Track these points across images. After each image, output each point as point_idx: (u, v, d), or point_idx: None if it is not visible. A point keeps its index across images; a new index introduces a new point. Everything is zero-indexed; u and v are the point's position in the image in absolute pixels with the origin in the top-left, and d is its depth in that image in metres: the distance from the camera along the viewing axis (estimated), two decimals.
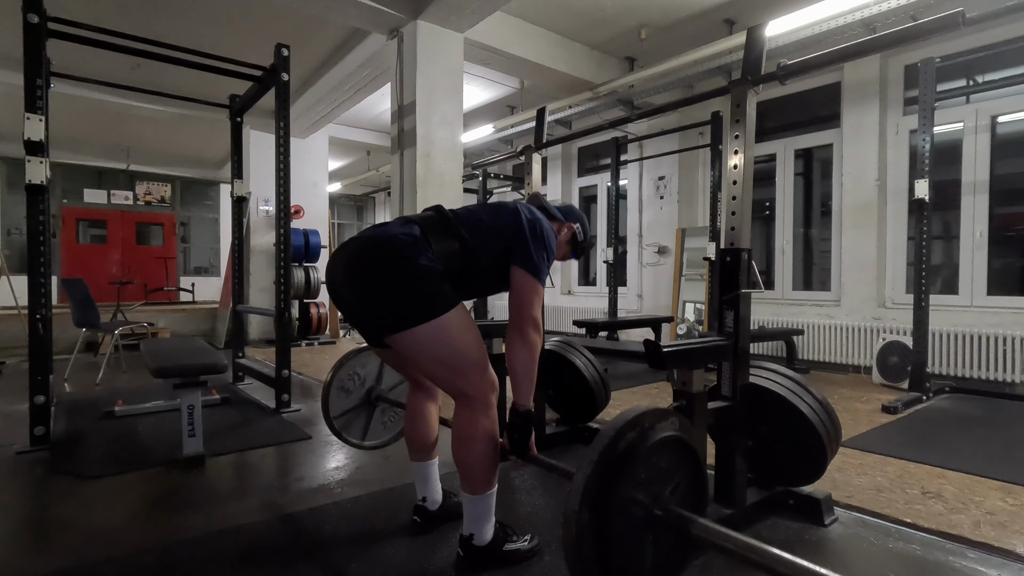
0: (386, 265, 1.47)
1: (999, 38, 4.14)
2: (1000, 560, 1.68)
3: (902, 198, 4.68)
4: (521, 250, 1.59)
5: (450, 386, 1.55)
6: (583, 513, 1.12)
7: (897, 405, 3.43)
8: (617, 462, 1.18)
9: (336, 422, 2.27)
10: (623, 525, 1.18)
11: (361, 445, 2.35)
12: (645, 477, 1.23)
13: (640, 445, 1.21)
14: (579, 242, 1.90)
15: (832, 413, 1.92)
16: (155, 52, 3.34)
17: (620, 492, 1.18)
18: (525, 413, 1.60)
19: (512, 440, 1.62)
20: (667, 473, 1.27)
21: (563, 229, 1.86)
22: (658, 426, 1.27)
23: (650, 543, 1.23)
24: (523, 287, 1.58)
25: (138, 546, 1.78)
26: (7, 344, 5.71)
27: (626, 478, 1.19)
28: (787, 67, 1.78)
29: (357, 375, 2.30)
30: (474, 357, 1.52)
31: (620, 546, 1.18)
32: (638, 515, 1.21)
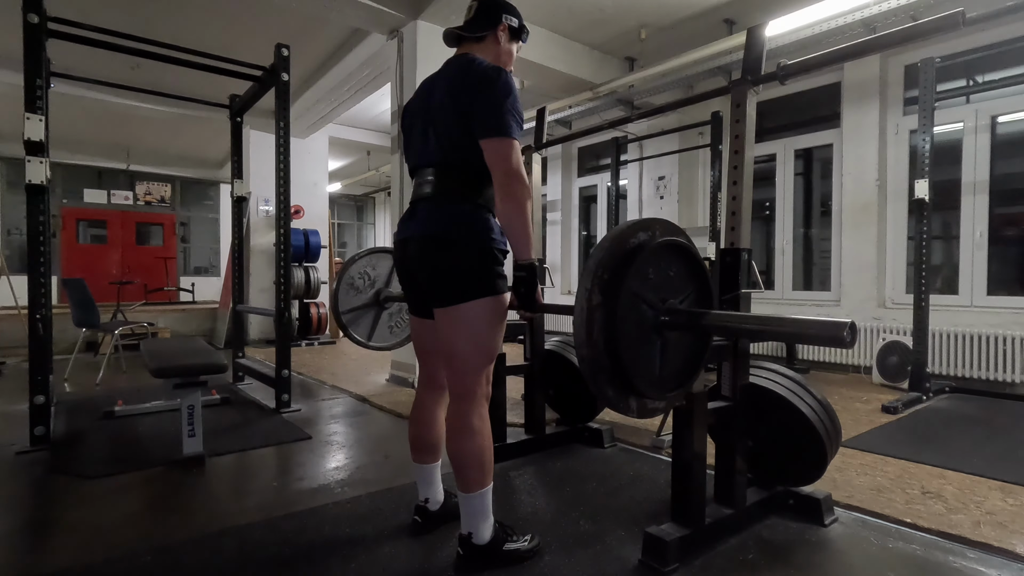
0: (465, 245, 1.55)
1: (999, 38, 4.14)
2: (1000, 560, 1.68)
3: (902, 198, 4.68)
4: (479, 119, 1.51)
5: (461, 374, 1.59)
6: (594, 294, 1.13)
7: (897, 405, 3.43)
8: (627, 255, 1.20)
9: (344, 317, 2.24)
10: (633, 321, 1.20)
11: (367, 344, 2.32)
12: (654, 279, 1.24)
13: (649, 244, 1.23)
14: (519, 29, 1.75)
15: (832, 413, 1.92)
16: (155, 52, 3.34)
17: (630, 284, 1.19)
18: (528, 265, 1.55)
19: (519, 294, 1.58)
20: (675, 284, 1.29)
21: (498, 35, 1.70)
22: (668, 236, 1.28)
23: (659, 346, 1.24)
24: (496, 152, 1.50)
25: (138, 546, 1.78)
26: (7, 344, 5.71)
27: (636, 272, 1.20)
28: (787, 67, 1.78)
29: (367, 275, 2.27)
30: (493, 353, 1.63)
31: (630, 338, 1.19)
32: (647, 315, 1.22)
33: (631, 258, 1.21)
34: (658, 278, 1.26)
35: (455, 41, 1.74)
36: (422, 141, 1.67)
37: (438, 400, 1.86)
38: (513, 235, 1.54)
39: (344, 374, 4.83)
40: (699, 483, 1.70)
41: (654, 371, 1.26)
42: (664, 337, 1.25)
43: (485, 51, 1.69)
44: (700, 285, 1.38)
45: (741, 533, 1.84)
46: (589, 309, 1.13)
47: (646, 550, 1.66)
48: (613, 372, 1.24)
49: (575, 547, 1.76)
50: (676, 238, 1.30)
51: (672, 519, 1.73)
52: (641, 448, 2.74)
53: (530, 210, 1.55)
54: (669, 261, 1.28)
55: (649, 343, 1.23)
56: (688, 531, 1.67)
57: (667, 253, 1.26)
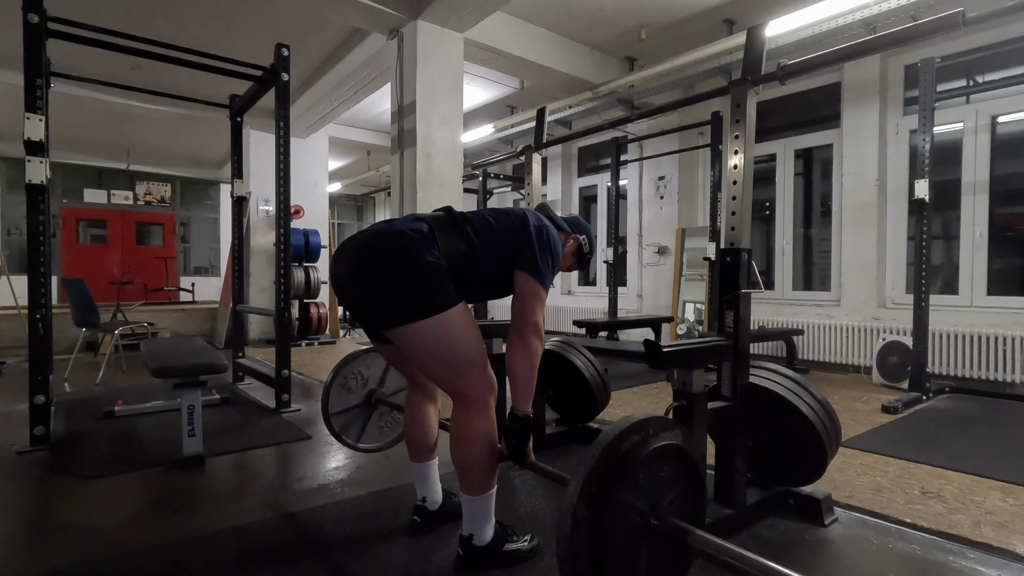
0: (391, 258, 1.47)
1: (999, 38, 4.14)
2: (1000, 560, 1.68)
3: (902, 198, 4.68)
4: (527, 255, 1.59)
5: (448, 385, 1.55)
6: (580, 508, 1.11)
7: (897, 405, 3.43)
8: (618, 463, 1.17)
9: (334, 419, 2.26)
10: (619, 529, 1.18)
11: (355, 446, 2.35)
12: (644, 484, 1.22)
13: (641, 450, 1.21)
14: (584, 254, 1.90)
15: (832, 413, 1.92)
16: (155, 52, 3.34)
17: (618, 494, 1.17)
18: (524, 419, 1.60)
19: (510, 445, 1.61)
20: (666, 483, 1.27)
21: (569, 240, 1.86)
22: (661, 434, 1.26)
23: (645, 552, 1.23)
24: (527, 292, 1.58)
25: (138, 546, 1.78)
26: (7, 344, 5.71)
27: (626, 481, 1.18)
28: (787, 67, 1.78)
29: (360, 375, 2.30)
30: (473, 356, 1.52)
31: (615, 550, 1.17)
32: (635, 522, 1.20)
33: (622, 467, 1.17)
34: (648, 482, 1.24)
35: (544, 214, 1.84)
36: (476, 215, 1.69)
37: (429, 400, 1.86)
38: (518, 384, 1.56)
39: None
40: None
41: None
42: (651, 542, 1.23)
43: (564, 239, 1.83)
44: (693, 483, 1.33)
45: (741, 533, 1.83)
46: (573, 524, 1.11)
47: None
48: None
49: None
50: (670, 442, 1.26)
51: None
52: None
53: (538, 364, 1.59)
54: (661, 463, 1.26)
55: (635, 550, 1.22)
56: None
57: (660, 455, 1.24)
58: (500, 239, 1.60)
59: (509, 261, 1.61)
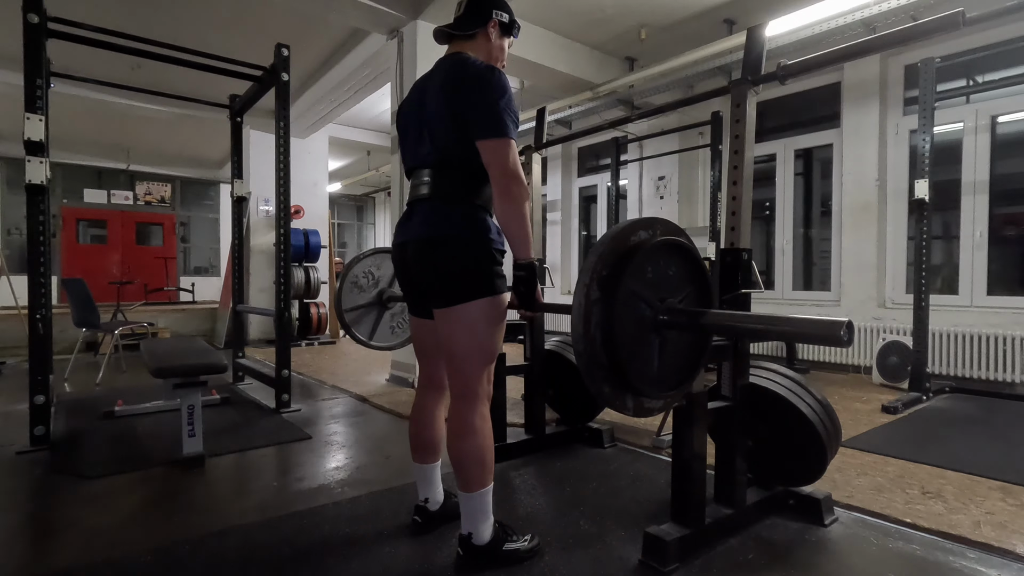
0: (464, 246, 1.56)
1: (999, 38, 4.14)
2: (1000, 560, 1.68)
3: (902, 198, 4.68)
4: (473, 121, 1.50)
5: (462, 373, 1.59)
6: (593, 288, 1.13)
7: (897, 405, 3.42)
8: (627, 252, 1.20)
9: (347, 315, 2.24)
10: (631, 317, 1.20)
11: (368, 343, 2.32)
12: (652, 277, 1.24)
13: (649, 242, 1.23)
14: (509, 24, 1.72)
15: (832, 413, 1.92)
16: (155, 52, 3.34)
17: (627, 282, 1.19)
18: (528, 264, 1.55)
19: (519, 294, 1.57)
20: (673, 282, 1.29)
21: (489, 32, 1.68)
22: (669, 233, 1.28)
23: (657, 345, 1.24)
24: (493, 153, 1.50)
25: (138, 546, 1.78)
26: (7, 344, 5.71)
27: (634, 269, 1.20)
28: (787, 67, 1.78)
29: (371, 274, 2.27)
30: (494, 352, 1.63)
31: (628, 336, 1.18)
32: (645, 313, 1.22)
33: (630, 256, 1.21)
34: (657, 277, 1.26)
35: (445, 39, 1.73)
36: (417, 142, 1.66)
37: (438, 400, 1.86)
38: (512, 235, 1.54)
39: (344, 374, 4.83)
40: (699, 483, 1.70)
41: (652, 370, 1.25)
42: (662, 336, 1.24)
43: (476, 49, 1.68)
44: (699, 285, 1.38)
45: (741, 533, 1.84)
46: (587, 304, 1.13)
47: (646, 550, 1.66)
48: (610, 369, 1.24)
49: (575, 547, 1.76)
50: (676, 237, 1.30)
51: (672, 519, 1.73)
52: (641, 448, 2.74)
53: (529, 210, 1.55)
54: (669, 260, 1.27)
55: (647, 342, 1.23)
56: (688, 531, 1.67)
57: (667, 252, 1.25)
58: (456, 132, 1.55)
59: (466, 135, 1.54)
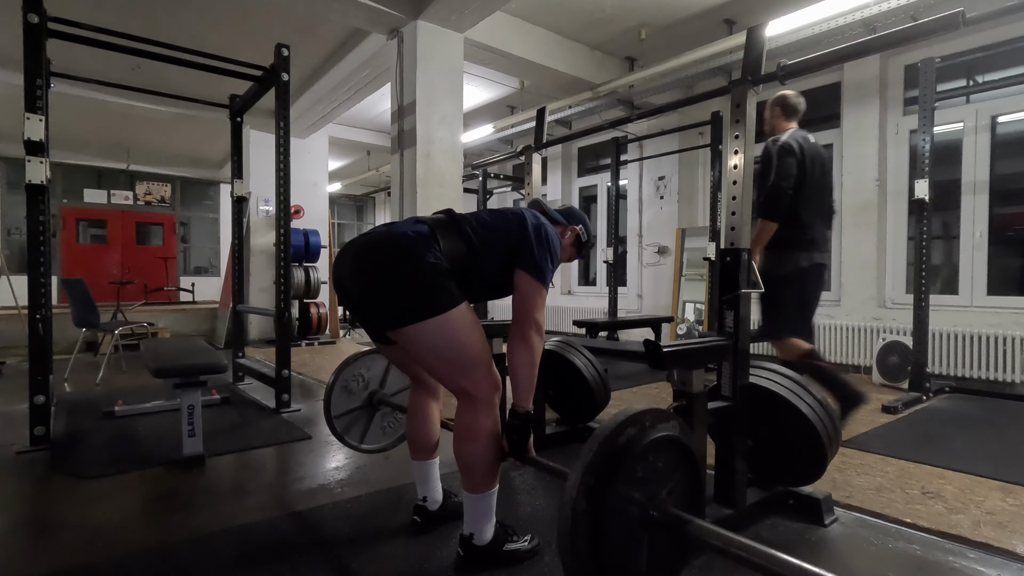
0: (394, 260, 1.49)
1: (999, 38, 4.14)
2: (1000, 560, 1.68)
3: (902, 198, 4.68)
4: (525, 253, 1.60)
5: (452, 383, 1.56)
6: (579, 502, 1.12)
7: (897, 405, 3.42)
8: (616, 456, 1.18)
9: (337, 422, 2.27)
10: (619, 522, 1.19)
11: (358, 448, 2.36)
12: (642, 475, 1.23)
13: (639, 442, 1.22)
14: (582, 243, 1.91)
15: (832, 413, 1.92)
16: (155, 52, 3.34)
17: (617, 487, 1.18)
18: (524, 415, 1.60)
19: (511, 442, 1.62)
20: (664, 474, 1.28)
21: (566, 232, 1.87)
22: (658, 426, 1.27)
23: (646, 544, 1.23)
24: (527, 290, 1.59)
25: (138, 546, 1.78)
26: (7, 344, 5.71)
27: (624, 474, 1.19)
28: (787, 67, 1.78)
29: (361, 376, 2.31)
30: (477, 355, 1.53)
31: (615, 543, 1.18)
32: (634, 514, 1.21)
33: (620, 459, 1.18)
34: (646, 473, 1.25)
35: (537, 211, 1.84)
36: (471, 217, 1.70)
37: (432, 398, 1.87)
38: (517, 380, 1.57)
39: None
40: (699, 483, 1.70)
41: (640, 569, 1.24)
42: (652, 532, 1.24)
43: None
44: (690, 474, 1.34)
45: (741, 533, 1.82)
46: (574, 519, 1.13)
47: None
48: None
49: None
50: (667, 433, 1.28)
51: None
52: None
53: (538, 362, 1.59)
54: (658, 454, 1.27)
55: (636, 541, 1.23)
56: None
57: (657, 446, 1.25)
58: (499, 239, 1.62)
59: (508, 261, 1.61)
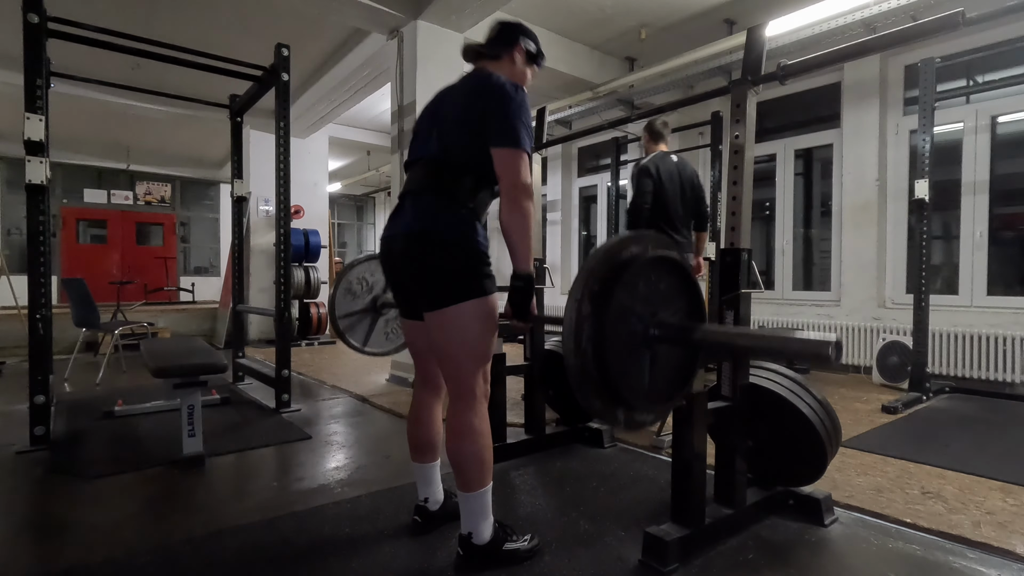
0: (447, 247, 1.54)
1: (999, 38, 4.13)
2: (1000, 560, 1.68)
3: (902, 198, 4.68)
4: (491, 130, 1.54)
5: (457, 373, 1.58)
6: (584, 304, 1.13)
7: (897, 405, 3.42)
8: (619, 266, 1.19)
9: (340, 322, 2.24)
10: (622, 332, 1.19)
11: (361, 349, 2.32)
12: (643, 291, 1.24)
13: (641, 257, 1.23)
14: (535, 55, 1.81)
15: (832, 413, 1.92)
16: (155, 52, 3.34)
17: (619, 296, 1.19)
18: (526, 276, 1.56)
19: (514, 304, 1.59)
20: (666, 298, 1.29)
21: (514, 56, 1.76)
22: (661, 248, 1.28)
23: (648, 359, 1.24)
24: (507, 162, 1.52)
25: (138, 546, 1.78)
26: (7, 344, 5.71)
27: (625, 283, 1.20)
28: (787, 67, 1.78)
29: (365, 280, 2.27)
30: (487, 351, 1.61)
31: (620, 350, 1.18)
32: (637, 328, 1.23)
33: (622, 270, 1.20)
34: (648, 291, 1.25)
35: (472, 58, 1.80)
36: (424, 141, 1.68)
37: (436, 399, 1.87)
38: (513, 246, 1.55)
39: (344, 374, 4.83)
40: (699, 483, 1.70)
41: (643, 383, 1.25)
42: (654, 350, 1.24)
43: (500, 69, 1.74)
44: (691, 299, 1.37)
45: (741, 533, 1.84)
46: (578, 319, 1.13)
47: (646, 550, 1.66)
48: (601, 383, 1.23)
49: (575, 547, 1.76)
50: (668, 252, 1.30)
51: (672, 519, 1.73)
52: (641, 448, 2.74)
53: (533, 224, 1.57)
54: (660, 275, 1.27)
55: (638, 356, 1.23)
56: (688, 531, 1.67)
57: (658, 267, 1.26)
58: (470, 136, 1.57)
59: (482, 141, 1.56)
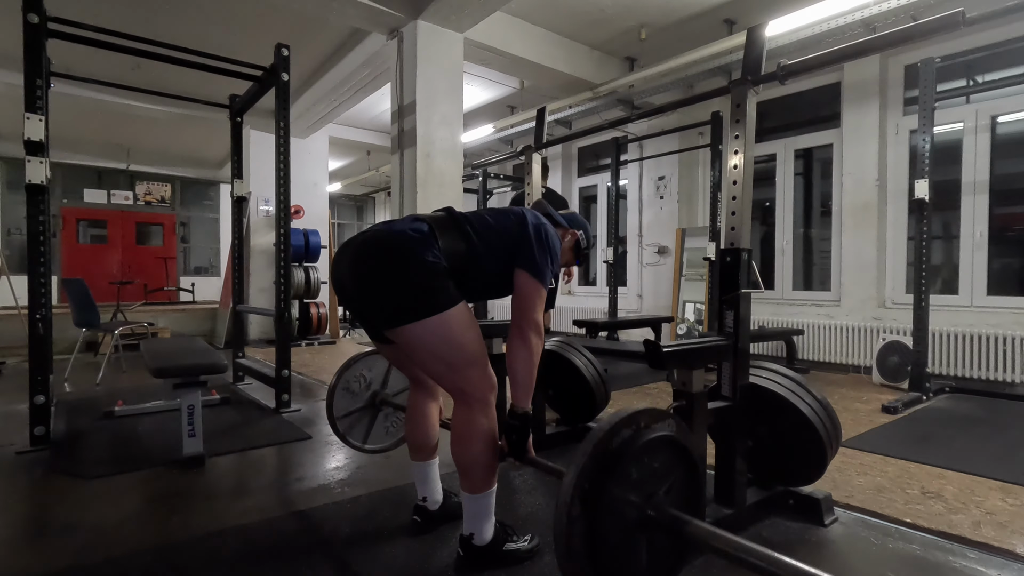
0: (392, 258, 1.48)
1: (999, 38, 4.14)
2: (1000, 560, 1.68)
3: (902, 198, 4.68)
4: (525, 253, 1.60)
5: (449, 383, 1.56)
6: (574, 506, 1.11)
7: (897, 405, 3.42)
8: (610, 458, 1.18)
9: (340, 423, 2.27)
10: (615, 524, 1.18)
11: (362, 448, 2.36)
12: (637, 477, 1.22)
13: (634, 443, 1.21)
14: (582, 249, 1.92)
15: (832, 413, 1.92)
16: (155, 52, 3.34)
17: (612, 490, 1.17)
18: (523, 415, 1.61)
19: (510, 442, 1.62)
20: (661, 474, 1.27)
21: (567, 235, 1.88)
22: (654, 426, 1.26)
23: (643, 545, 1.23)
24: (526, 290, 1.60)
25: (138, 546, 1.78)
26: (7, 344, 5.71)
27: (618, 476, 1.18)
28: (787, 67, 1.78)
29: (363, 377, 2.31)
30: (474, 355, 1.53)
31: (612, 545, 1.17)
32: (631, 515, 1.21)
33: (614, 462, 1.17)
34: (641, 475, 1.23)
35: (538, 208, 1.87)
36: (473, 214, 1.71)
37: (430, 398, 1.87)
38: (517, 380, 1.57)
39: None
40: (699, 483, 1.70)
41: (640, 569, 1.23)
42: (649, 533, 1.23)
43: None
44: (688, 473, 1.32)
45: (741, 533, 1.83)
46: (568, 522, 1.12)
47: None
48: None
49: None
50: (663, 433, 1.27)
51: None
52: None
53: (537, 362, 1.59)
54: (655, 454, 1.26)
55: (634, 542, 1.22)
56: None
57: (653, 447, 1.24)
58: (499, 238, 1.61)
59: (508, 260, 1.61)
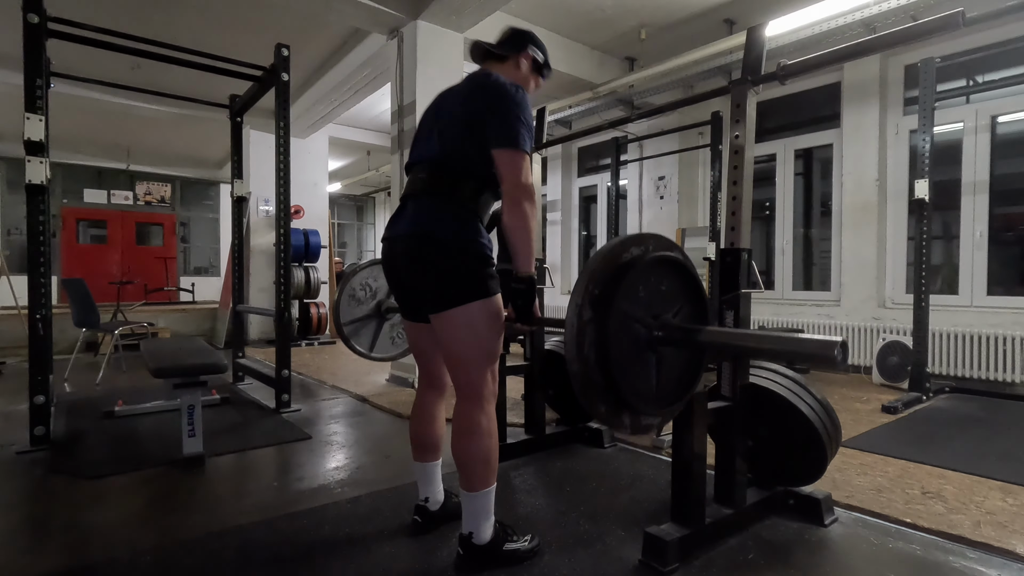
0: (450, 250, 1.54)
1: (999, 38, 4.14)
2: (1000, 560, 1.68)
3: (902, 198, 4.68)
4: (493, 130, 1.54)
5: (464, 374, 1.58)
6: (585, 309, 1.11)
7: (897, 405, 3.42)
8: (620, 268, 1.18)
9: (345, 328, 2.23)
10: (625, 337, 1.18)
11: (368, 355, 2.32)
12: (646, 296, 1.22)
13: (642, 259, 1.21)
14: (542, 64, 1.82)
15: (832, 413, 1.92)
16: (155, 52, 3.34)
17: (619, 302, 1.17)
18: (528, 278, 1.57)
19: (516, 307, 1.60)
20: (668, 298, 1.28)
21: (520, 62, 1.77)
22: (662, 249, 1.26)
23: (653, 363, 1.23)
24: (508, 163, 1.53)
25: (138, 546, 1.78)
26: (7, 344, 5.71)
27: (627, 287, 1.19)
28: (787, 67, 1.78)
29: (368, 286, 2.27)
30: (494, 351, 1.61)
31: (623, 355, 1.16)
32: (640, 333, 1.21)
33: (622, 274, 1.18)
34: (650, 294, 1.23)
35: (480, 55, 1.80)
36: (425, 141, 1.69)
37: (439, 399, 1.87)
38: (515, 247, 1.55)
39: (344, 374, 4.83)
40: (699, 483, 1.70)
41: (649, 386, 1.23)
42: (659, 352, 1.23)
43: (504, 71, 1.75)
44: (694, 299, 1.36)
45: (741, 533, 1.84)
46: (579, 324, 1.11)
47: (646, 550, 1.66)
48: (605, 388, 1.21)
49: (575, 547, 1.76)
50: (669, 253, 1.28)
51: (672, 519, 1.73)
52: (641, 448, 2.74)
53: (535, 225, 1.56)
54: (661, 276, 1.26)
55: (643, 359, 1.22)
56: (688, 531, 1.67)
57: (660, 268, 1.24)
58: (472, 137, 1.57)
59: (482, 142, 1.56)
